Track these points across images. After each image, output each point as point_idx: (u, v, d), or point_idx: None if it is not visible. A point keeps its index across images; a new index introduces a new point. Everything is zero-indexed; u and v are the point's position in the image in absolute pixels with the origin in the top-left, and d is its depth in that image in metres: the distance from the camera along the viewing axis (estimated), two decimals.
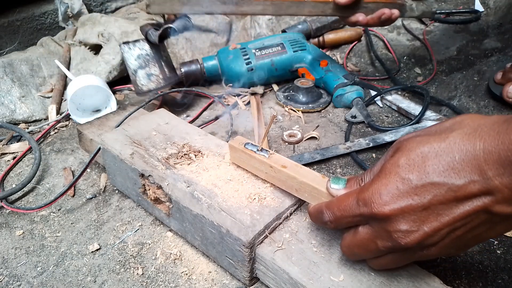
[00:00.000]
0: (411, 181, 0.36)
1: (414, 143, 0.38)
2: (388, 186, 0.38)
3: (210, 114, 0.95)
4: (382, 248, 0.40)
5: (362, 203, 0.39)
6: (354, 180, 0.45)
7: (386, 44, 1.15)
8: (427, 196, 0.36)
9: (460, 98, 0.94)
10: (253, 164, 0.56)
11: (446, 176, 0.35)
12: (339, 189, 0.45)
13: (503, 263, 0.57)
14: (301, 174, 0.50)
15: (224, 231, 0.51)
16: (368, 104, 0.93)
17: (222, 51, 1.02)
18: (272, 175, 0.54)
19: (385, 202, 0.37)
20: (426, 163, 0.36)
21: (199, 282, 0.56)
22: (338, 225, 0.44)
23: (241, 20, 1.22)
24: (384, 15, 0.76)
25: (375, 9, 0.76)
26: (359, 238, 0.42)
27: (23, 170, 0.80)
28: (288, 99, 0.95)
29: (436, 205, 0.36)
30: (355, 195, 0.41)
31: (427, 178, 0.36)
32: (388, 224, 0.38)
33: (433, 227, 0.37)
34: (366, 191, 0.39)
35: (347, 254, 0.45)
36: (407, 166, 0.37)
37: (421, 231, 0.37)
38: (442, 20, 1.24)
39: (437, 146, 0.36)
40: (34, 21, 1.17)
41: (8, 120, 0.93)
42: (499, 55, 1.08)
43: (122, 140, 0.67)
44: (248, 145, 0.56)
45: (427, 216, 0.36)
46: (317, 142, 0.84)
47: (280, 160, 0.53)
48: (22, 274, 0.59)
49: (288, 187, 0.52)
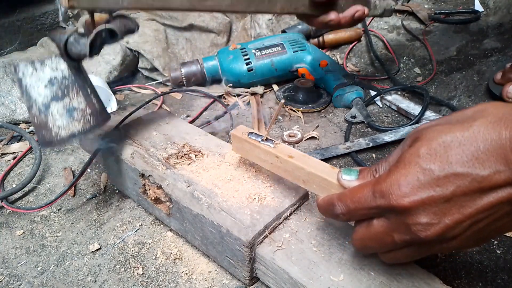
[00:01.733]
0: (433, 172, 0.35)
1: (435, 132, 0.36)
2: (408, 177, 0.36)
3: (210, 114, 0.95)
4: (398, 241, 0.38)
5: (379, 194, 0.38)
6: (367, 171, 0.43)
7: (386, 44, 1.15)
8: (450, 187, 0.34)
9: (459, 98, 0.94)
10: (257, 154, 0.53)
11: (470, 166, 0.34)
12: (351, 180, 0.43)
13: (502, 263, 0.57)
14: (309, 164, 0.48)
15: (224, 231, 0.51)
16: (367, 104, 0.93)
17: (222, 51, 1.02)
18: (277, 166, 0.51)
19: (404, 193, 0.36)
20: (448, 152, 0.35)
21: (199, 281, 0.56)
22: (351, 218, 0.42)
23: (241, 20, 1.22)
24: (358, 13, 0.70)
25: (345, 7, 0.70)
26: (373, 232, 0.40)
27: (24, 170, 0.80)
28: (288, 99, 0.95)
29: (459, 196, 0.34)
30: (370, 187, 0.39)
31: (450, 168, 0.34)
32: (407, 217, 0.36)
33: (455, 219, 0.35)
34: (384, 182, 0.37)
35: (359, 248, 0.43)
36: (428, 156, 0.35)
37: (442, 224, 0.35)
38: (441, 20, 1.24)
39: (460, 135, 0.35)
40: (34, 21, 1.17)
41: (8, 120, 0.93)
42: (499, 55, 1.08)
43: (122, 140, 0.67)
44: (252, 134, 0.53)
45: (449, 208, 0.35)
46: (317, 142, 0.84)
47: (286, 150, 0.50)
48: (23, 274, 0.59)
49: (295, 178, 0.50)
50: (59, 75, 0.53)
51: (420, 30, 1.21)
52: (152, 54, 1.04)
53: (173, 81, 1.02)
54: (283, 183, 0.57)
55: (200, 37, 1.16)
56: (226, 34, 1.18)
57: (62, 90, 0.53)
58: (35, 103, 0.53)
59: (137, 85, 1.07)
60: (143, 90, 1.06)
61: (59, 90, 0.53)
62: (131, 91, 1.06)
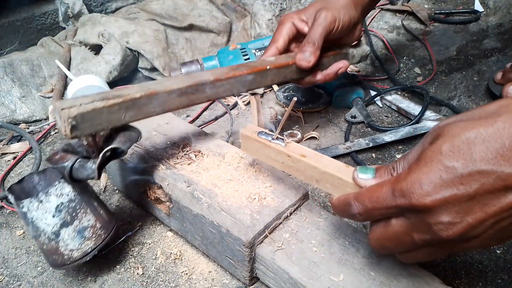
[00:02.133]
0: (456, 170, 0.34)
1: (458, 128, 0.35)
2: (430, 175, 0.35)
3: (210, 114, 0.95)
4: (418, 241, 0.37)
5: (399, 193, 0.36)
6: (384, 169, 0.42)
7: (386, 44, 1.15)
8: (474, 185, 0.33)
9: (459, 98, 0.94)
10: (267, 153, 0.52)
11: (495, 163, 0.33)
12: (367, 179, 0.42)
13: (502, 263, 0.57)
14: (323, 163, 0.46)
15: (224, 231, 0.51)
16: (367, 104, 0.93)
17: (222, 51, 1.02)
18: (289, 165, 0.50)
19: (426, 192, 0.35)
20: (472, 149, 0.33)
21: (199, 281, 0.56)
22: (368, 218, 0.41)
23: (241, 20, 1.22)
24: (341, 69, 0.73)
25: (327, 64, 0.73)
26: (392, 232, 0.39)
27: (24, 170, 0.80)
28: (288, 99, 0.95)
29: (482, 194, 0.33)
30: (390, 185, 0.38)
31: (474, 166, 0.33)
32: (429, 216, 0.35)
33: (478, 218, 0.34)
34: (404, 181, 0.36)
35: (376, 248, 0.42)
36: (451, 153, 0.34)
37: (465, 223, 0.34)
38: (441, 20, 1.24)
39: (484, 132, 0.33)
40: (34, 21, 1.17)
41: (8, 120, 0.93)
42: (499, 55, 1.08)
43: None
44: (262, 133, 0.52)
45: (472, 207, 0.34)
46: (317, 142, 0.84)
47: (298, 149, 0.49)
48: (23, 274, 0.59)
49: (307, 177, 0.49)
50: (65, 200, 0.51)
51: (420, 30, 1.21)
52: (152, 54, 1.04)
53: None
54: (283, 183, 0.57)
55: (200, 37, 1.16)
56: (226, 34, 1.18)
57: (70, 214, 0.52)
58: (44, 232, 0.51)
59: None
60: None
61: (68, 215, 0.51)
62: None
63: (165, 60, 1.06)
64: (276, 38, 0.70)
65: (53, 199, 0.51)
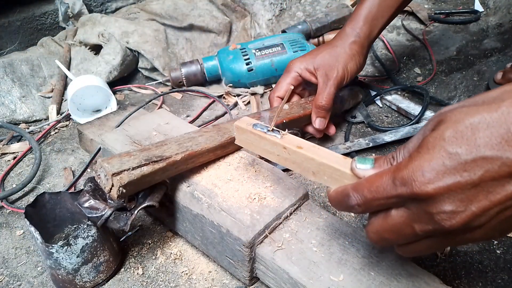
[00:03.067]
0: (460, 156, 0.32)
1: (461, 114, 0.34)
2: (432, 162, 0.33)
3: (210, 114, 0.95)
4: (420, 232, 0.36)
5: (400, 182, 0.35)
6: (383, 159, 0.40)
7: (386, 44, 1.15)
8: (478, 172, 0.32)
9: (459, 98, 0.94)
10: (263, 146, 0.50)
11: (500, 149, 0.31)
12: (366, 169, 0.40)
13: (503, 263, 0.57)
14: (320, 155, 0.45)
15: (224, 231, 0.51)
16: (368, 104, 0.93)
17: (222, 51, 1.02)
18: (285, 158, 0.48)
19: (428, 180, 0.33)
20: (476, 135, 0.32)
21: (199, 281, 0.56)
22: (367, 209, 0.39)
23: (241, 20, 1.22)
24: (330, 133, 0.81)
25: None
26: (391, 223, 0.37)
27: (24, 170, 0.80)
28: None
29: (487, 181, 0.32)
30: (390, 174, 0.36)
31: (478, 152, 0.32)
32: (430, 205, 0.34)
33: (482, 207, 0.33)
34: (405, 169, 0.35)
35: (375, 241, 0.40)
36: (454, 139, 0.33)
37: (469, 212, 0.33)
38: (441, 20, 1.24)
39: (488, 117, 0.32)
40: (34, 21, 1.17)
41: (8, 120, 0.93)
42: (499, 55, 1.08)
43: (122, 140, 0.67)
44: (257, 125, 0.50)
45: (476, 195, 0.33)
46: (317, 142, 0.84)
47: (294, 140, 0.48)
48: (23, 274, 0.59)
49: (304, 170, 0.47)
50: (90, 241, 0.54)
51: (420, 30, 1.21)
52: (152, 54, 1.04)
53: (173, 81, 1.02)
54: (283, 183, 0.57)
55: (200, 37, 1.16)
56: (226, 34, 1.18)
57: (91, 253, 0.55)
58: (65, 269, 0.54)
59: (137, 85, 1.07)
60: (143, 90, 1.06)
61: (89, 254, 0.54)
62: (131, 91, 1.06)
63: (165, 60, 1.06)
64: (281, 87, 0.77)
65: (80, 241, 0.53)
